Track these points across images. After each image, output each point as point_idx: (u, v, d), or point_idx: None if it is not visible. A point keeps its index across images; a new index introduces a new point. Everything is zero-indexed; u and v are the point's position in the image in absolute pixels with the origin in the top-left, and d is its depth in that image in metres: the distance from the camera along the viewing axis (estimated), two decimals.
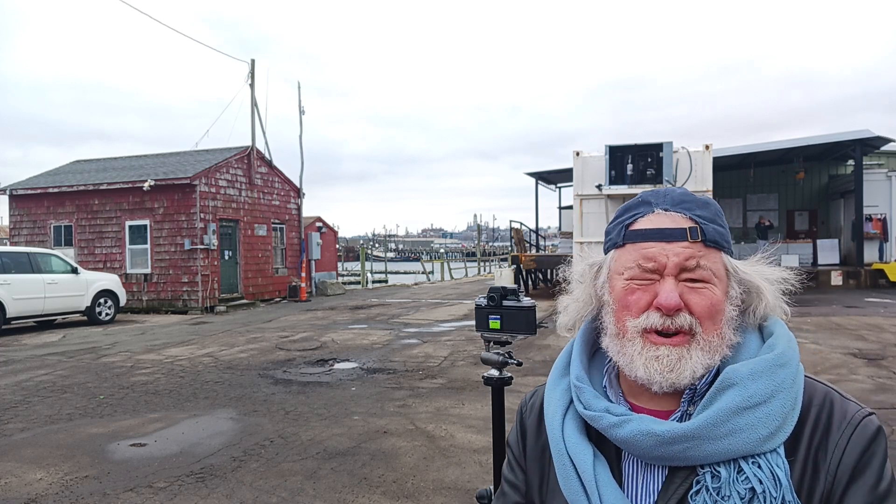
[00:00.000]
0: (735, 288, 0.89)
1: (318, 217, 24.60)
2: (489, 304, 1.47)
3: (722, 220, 0.92)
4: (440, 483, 4.41)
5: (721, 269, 0.89)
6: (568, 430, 0.92)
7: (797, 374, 0.85)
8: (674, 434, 0.82)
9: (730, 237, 0.93)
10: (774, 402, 0.82)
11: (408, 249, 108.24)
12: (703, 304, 0.86)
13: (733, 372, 0.83)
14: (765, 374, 0.83)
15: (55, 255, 14.41)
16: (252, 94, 19.73)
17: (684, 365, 0.85)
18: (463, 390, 7.12)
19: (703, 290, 0.87)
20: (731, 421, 0.81)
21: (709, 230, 0.89)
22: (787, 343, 0.87)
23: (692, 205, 0.91)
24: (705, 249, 0.88)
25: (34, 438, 5.60)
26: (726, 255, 0.90)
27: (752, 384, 0.82)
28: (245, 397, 6.99)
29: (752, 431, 0.80)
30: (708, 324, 0.86)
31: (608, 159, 11.10)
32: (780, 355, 0.85)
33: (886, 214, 19.27)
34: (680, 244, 0.87)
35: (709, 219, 0.90)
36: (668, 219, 0.90)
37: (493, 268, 41.96)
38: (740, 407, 0.81)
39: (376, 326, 12.90)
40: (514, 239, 22.07)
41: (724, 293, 0.88)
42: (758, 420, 0.81)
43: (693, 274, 0.87)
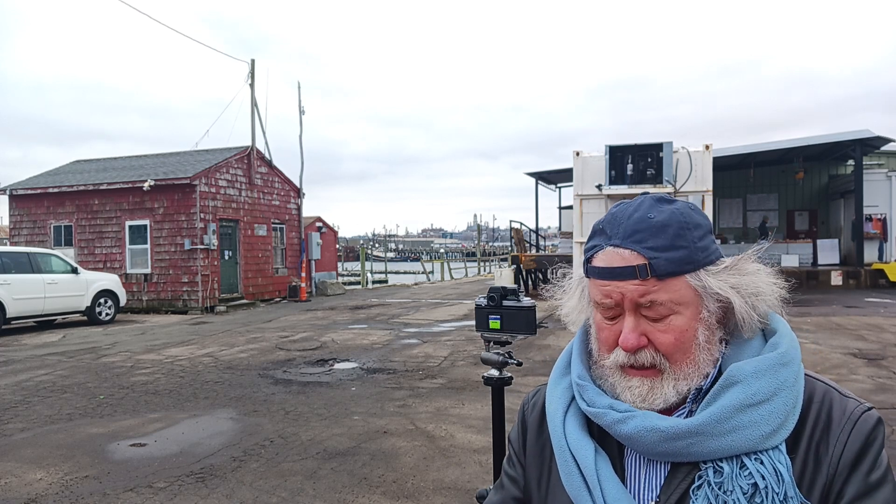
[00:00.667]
0: (710, 304, 0.87)
1: (318, 217, 24.60)
2: (489, 304, 1.47)
3: (685, 239, 0.86)
4: (440, 483, 4.41)
5: (686, 294, 0.86)
6: (570, 427, 0.93)
7: (799, 373, 0.86)
8: (678, 430, 0.83)
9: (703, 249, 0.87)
10: (777, 399, 0.83)
11: (408, 249, 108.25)
12: (665, 341, 0.86)
13: (737, 370, 0.84)
14: (768, 373, 0.83)
15: (55, 255, 14.41)
16: (252, 94, 19.74)
17: (656, 394, 0.87)
18: (463, 390, 7.12)
19: (666, 326, 0.86)
20: (734, 418, 0.82)
21: (660, 264, 0.85)
22: (789, 342, 0.87)
23: (644, 234, 0.87)
24: (660, 283, 0.85)
25: (34, 438, 5.60)
26: (692, 274, 0.86)
27: (756, 382, 0.83)
28: (245, 397, 6.99)
29: (755, 428, 0.81)
30: (677, 356, 0.86)
31: (608, 159, 11.10)
32: (783, 354, 0.85)
33: (886, 214, 19.28)
34: (631, 283, 0.86)
35: (663, 247, 0.85)
36: (618, 257, 0.88)
37: (493, 268, 41.96)
38: (743, 404, 0.82)
39: (376, 326, 12.90)
40: (514, 239, 22.07)
41: (695, 317, 0.86)
42: (761, 417, 0.82)
43: (650, 312, 0.86)
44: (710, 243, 0.89)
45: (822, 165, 22.57)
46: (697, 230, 0.88)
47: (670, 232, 0.86)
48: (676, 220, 0.87)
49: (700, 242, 0.87)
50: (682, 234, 0.86)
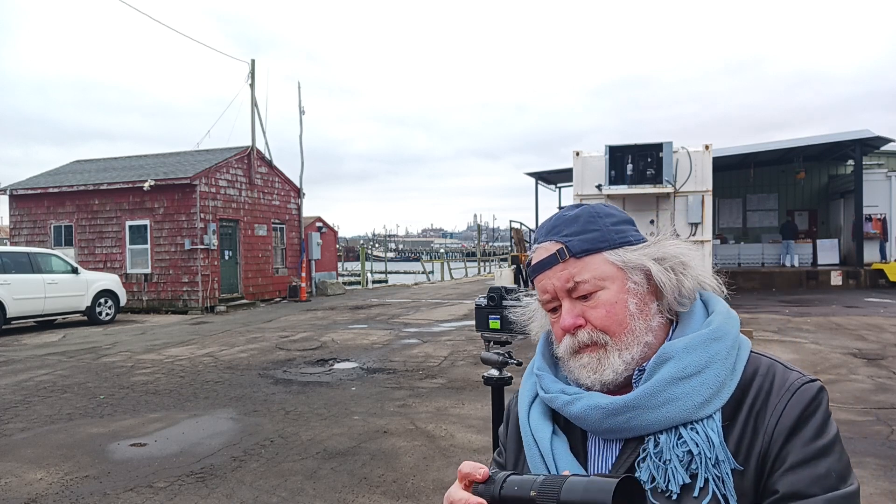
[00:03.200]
0: (635, 276, 0.94)
1: (319, 217, 24.60)
2: (489, 304, 1.47)
3: (596, 224, 0.96)
4: (440, 483, 4.41)
5: (607, 269, 0.94)
6: (534, 414, 1.01)
7: (732, 347, 0.90)
8: (615, 405, 0.89)
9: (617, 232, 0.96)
10: (708, 371, 0.87)
11: (408, 249, 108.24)
12: (598, 316, 0.94)
13: (670, 347, 0.91)
14: (699, 348, 0.89)
15: (55, 255, 14.41)
16: (252, 94, 19.74)
17: (605, 365, 0.93)
18: (463, 390, 7.12)
19: (596, 302, 0.94)
20: (667, 390, 0.87)
21: (574, 244, 0.95)
22: (723, 319, 0.93)
23: (560, 227, 0.98)
24: (578, 262, 0.94)
25: (34, 438, 5.60)
26: (610, 251, 0.94)
27: (687, 356, 0.88)
28: (245, 397, 6.99)
29: (688, 399, 0.86)
30: (613, 328, 0.93)
31: (608, 159, 11.09)
32: (715, 330, 0.90)
33: (886, 214, 19.27)
34: (555, 269, 0.96)
35: (576, 232, 0.95)
36: (543, 250, 0.98)
37: (493, 268, 41.96)
38: (675, 377, 0.87)
39: (376, 326, 12.90)
40: (513, 239, 22.07)
41: (622, 289, 0.93)
42: (692, 388, 0.87)
43: (578, 291, 0.94)
44: (628, 230, 0.97)
45: (822, 165, 22.56)
46: (609, 218, 0.97)
47: (582, 220, 0.97)
48: (587, 211, 0.98)
49: (613, 227, 0.96)
50: (593, 220, 0.97)
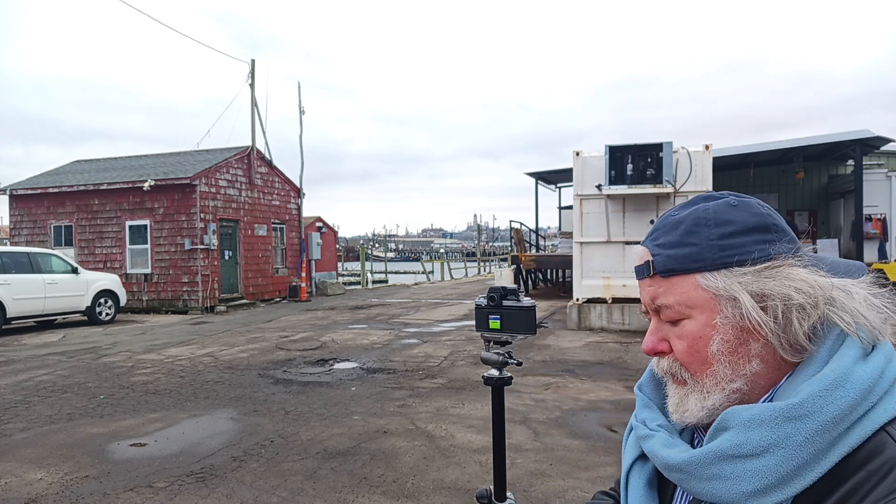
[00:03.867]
0: (727, 308, 0.76)
1: (319, 217, 24.61)
2: (489, 304, 1.47)
3: (697, 236, 0.79)
4: (440, 483, 4.41)
5: (696, 296, 0.78)
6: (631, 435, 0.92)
7: (825, 429, 0.69)
8: (668, 462, 0.79)
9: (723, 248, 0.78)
10: (770, 457, 0.70)
11: (408, 249, 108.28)
12: (679, 349, 0.80)
13: (732, 413, 0.74)
14: (766, 424, 0.71)
15: (55, 255, 14.41)
16: (252, 94, 19.74)
17: (685, 406, 0.81)
18: (463, 390, 7.12)
19: (681, 331, 0.80)
20: (715, 465, 0.73)
21: (659, 260, 0.80)
22: (822, 389, 0.70)
23: (659, 231, 0.83)
24: (664, 282, 0.80)
25: (34, 438, 5.60)
26: (705, 273, 0.77)
27: (748, 432, 0.72)
28: (245, 397, 6.99)
29: (737, 483, 0.72)
30: (693, 366, 0.80)
31: (608, 159, 11.09)
32: (796, 406, 0.70)
33: (886, 214, 19.26)
34: (644, 282, 0.84)
35: (669, 244, 0.80)
36: (637, 256, 0.86)
37: (493, 268, 41.97)
38: (727, 454, 0.73)
39: (376, 326, 12.90)
40: (514, 239, 22.07)
41: (709, 322, 0.77)
42: (745, 472, 0.71)
43: (665, 315, 0.81)
44: (745, 245, 0.77)
45: (822, 165, 22.57)
46: (720, 228, 0.78)
47: (682, 227, 0.80)
48: (694, 216, 0.80)
49: (720, 241, 0.77)
50: (695, 231, 0.79)
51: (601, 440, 5.30)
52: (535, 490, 4.25)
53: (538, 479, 4.43)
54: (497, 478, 1.47)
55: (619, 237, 11.69)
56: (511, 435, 5.22)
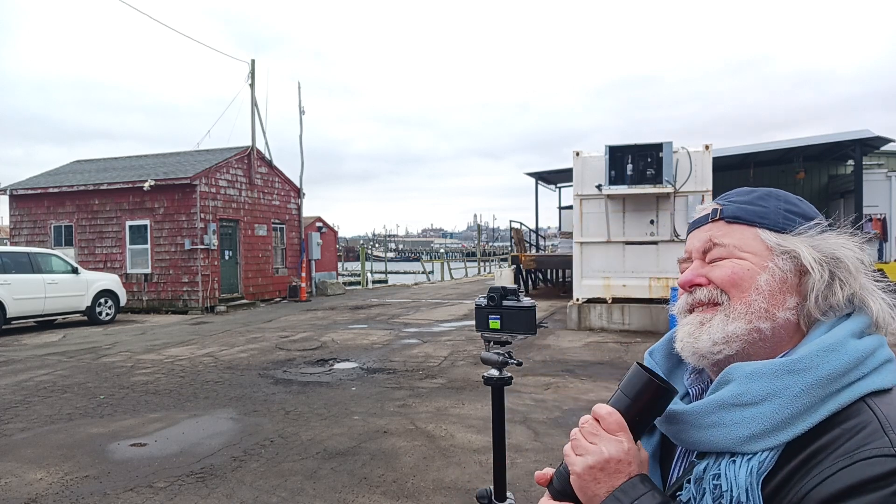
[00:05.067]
0: (780, 261, 0.85)
1: (319, 217, 24.61)
2: (489, 304, 1.47)
3: (767, 202, 0.89)
4: (440, 483, 4.41)
5: (754, 244, 0.87)
6: None
7: (818, 384, 0.77)
8: (672, 413, 0.85)
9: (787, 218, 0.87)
10: (767, 405, 0.77)
11: (408, 249, 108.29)
12: (721, 274, 0.87)
13: (735, 369, 0.82)
14: (765, 377, 0.79)
15: (55, 255, 14.41)
16: (252, 95, 19.74)
17: (703, 330, 0.86)
18: (463, 390, 7.12)
19: (725, 263, 0.87)
20: (715, 413, 0.80)
21: (730, 208, 0.90)
22: (819, 349, 0.79)
23: (734, 194, 0.93)
24: (727, 227, 0.89)
25: (34, 438, 5.60)
26: (766, 230, 0.87)
27: (748, 383, 0.79)
28: (245, 397, 6.99)
29: (735, 428, 0.78)
30: (733, 291, 0.86)
31: (608, 159, 11.08)
32: (794, 361, 0.79)
33: (886, 214, 19.26)
34: (702, 229, 0.92)
35: (743, 202, 0.90)
36: (701, 209, 0.95)
37: (493, 268, 41.96)
38: (728, 403, 0.79)
39: (376, 326, 12.90)
40: (513, 239, 22.06)
41: (759, 264, 0.85)
42: (742, 419, 0.78)
43: (713, 253, 0.89)
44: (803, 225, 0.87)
45: (822, 165, 22.56)
46: (787, 205, 0.89)
47: (756, 194, 0.91)
48: (767, 190, 0.91)
49: (787, 213, 0.88)
50: (767, 198, 0.90)
51: None
52: (535, 490, 4.25)
53: None
54: (497, 478, 1.47)
55: (619, 237, 11.69)
56: (511, 435, 5.22)
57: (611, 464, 0.79)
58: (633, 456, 0.80)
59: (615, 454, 0.79)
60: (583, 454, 0.81)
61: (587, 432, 0.82)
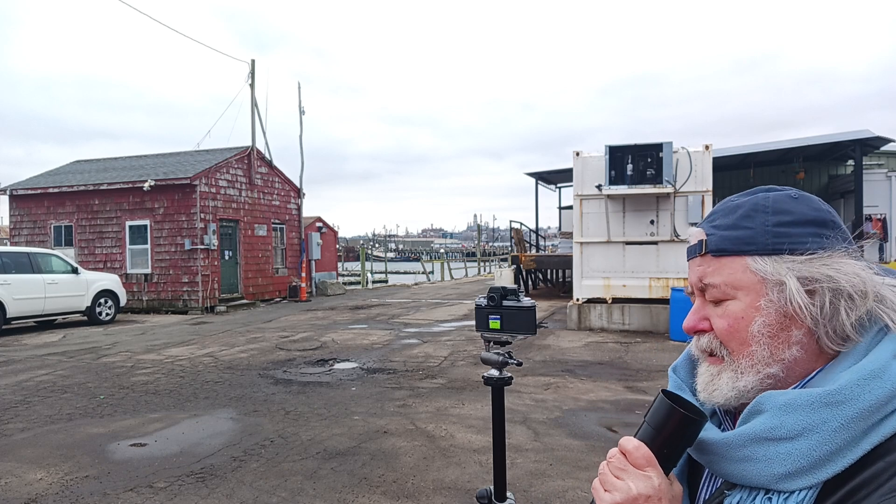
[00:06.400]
0: (773, 292, 0.77)
1: (319, 217, 24.61)
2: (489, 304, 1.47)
3: (753, 220, 0.80)
4: (440, 483, 4.41)
5: (744, 278, 0.79)
6: None
7: (860, 417, 0.70)
8: (702, 443, 0.80)
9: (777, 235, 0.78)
10: (803, 440, 0.71)
11: (408, 249, 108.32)
12: (720, 327, 0.81)
13: (767, 398, 0.75)
14: (802, 409, 0.72)
15: (55, 255, 14.41)
16: (252, 95, 19.74)
17: (715, 384, 0.82)
18: (463, 390, 7.13)
19: (724, 310, 0.81)
20: (748, 447, 0.75)
21: (713, 239, 0.82)
22: (861, 377, 0.71)
23: (718, 214, 0.84)
24: (715, 262, 0.81)
25: (34, 438, 5.61)
26: (756, 256, 0.78)
27: (783, 416, 0.73)
28: (245, 397, 6.99)
29: (768, 465, 0.73)
30: (732, 345, 0.80)
31: (608, 159, 11.09)
32: (834, 392, 0.71)
33: (886, 214, 19.26)
34: (694, 262, 0.85)
35: (726, 226, 0.81)
36: (693, 236, 0.87)
37: (493, 268, 41.96)
38: (760, 436, 0.74)
39: (376, 326, 12.90)
40: (514, 239, 22.07)
41: (753, 303, 0.78)
42: (777, 455, 0.72)
43: (709, 294, 0.82)
44: (799, 235, 0.78)
45: (822, 165, 22.57)
46: (778, 216, 0.79)
47: (740, 211, 0.81)
48: (753, 202, 0.81)
49: (775, 228, 0.78)
50: (751, 216, 0.80)
51: (601, 440, 5.30)
52: (535, 490, 4.25)
53: (538, 479, 4.43)
54: (497, 478, 1.47)
55: (619, 237, 11.69)
56: (511, 435, 5.22)
57: (639, 501, 0.75)
58: (663, 492, 0.75)
59: (644, 491, 0.74)
60: (610, 490, 0.77)
61: (614, 467, 0.78)
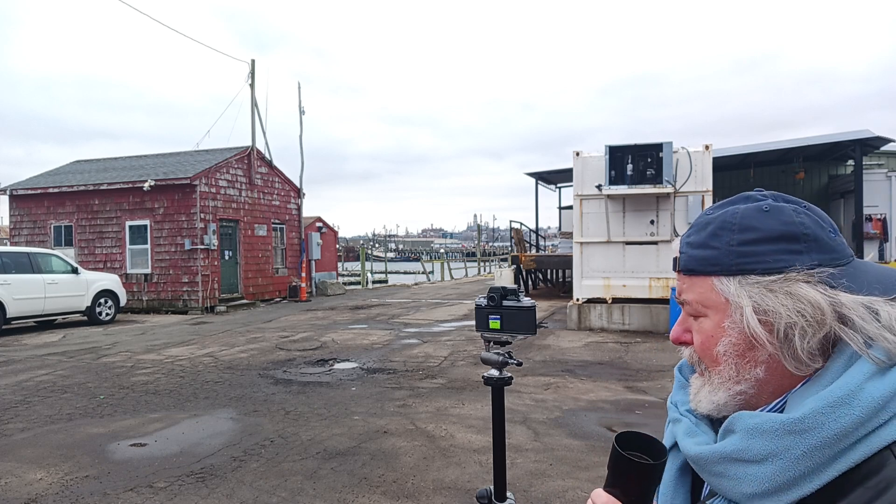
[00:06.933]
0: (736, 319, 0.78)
1: (319, 217, 24.61)
2: (489, 304, 1.47)
3: (719, 240, 0.80)
4: (440, 483, 4.41)
5: (712, 297, 0.80)
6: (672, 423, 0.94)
7: (825, 445, 0.69)
8: (687, 451, 0.83)
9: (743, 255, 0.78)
10: (768, 465, 0.72)
11: (408, 249, 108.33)
12: (696, 342, 0.83)
13: (738, 419, 0.77)
14: (767, 435, 0.73)
15: (55, 255, 14.41)
16: (252, 95, 19.74)
17: (699, 396, 0.84)
18: (463, 390, 7.13)
19: (700, 326, 0.83)
20: (721, 464, 0.77)
21: (683, 258, 0.84)
22: (825, 405, 0.70)
23: (693, 229, 0.85)
24: (687, 280, 0.83)
25: (34, 438, 5.61)
26: (721, 277, 0.79)
27: (749, 439, 0.74)
28: (245, 397, 6.99)
29: (738, 483, 0.74)
30: (706, 361, 0.82)
31: (608, 159, 11.09)
32: (798, 420, 0.71)
33: (886, 214, 19.27)
34: (677, 276, 0.87)
35: (695, 244, 0.82)
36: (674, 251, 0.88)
37: (493, 268, 41.97)
38: (731, 456, 0.75)
39: (376, 326, 12.90)
40: (514, 239, 22.07)
41: (719, 323, 0.79)
42: (745, 475, 0.74)
43: (685, 309, 0.85)
44: (762, 251, 0.77)
45: (822, 165, 22.58)
46: (743, 233, 0.79)
47: (709, 230, 0.82)
48: (722, 219, 0.81)
49: (740, 247, 0.78)
50: (718, 235, 0.80)
51: (601, 440, 5.31)
52: (535, 490, 4.26)
53: (538, 479, 4.44)
54: (497, 478, 1.47)
55: (619, 237, 11.69)
56: (511, 435, 5.22)
57: None
58: None
59: None
60: None
61: None
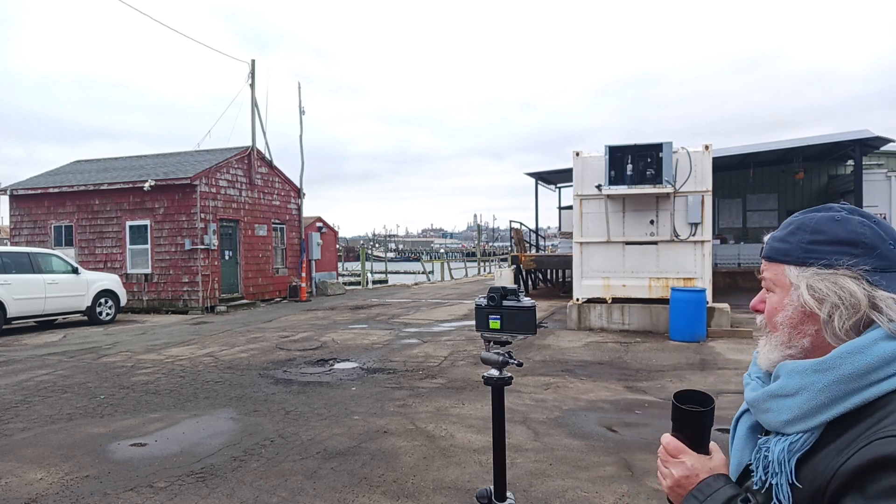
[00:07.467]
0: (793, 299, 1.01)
1: (319, 217, 24.60)
2: (489, 304, 1.47)
3: (792, 238, 1.03)
4: (440, 483, 4.41)
5: (782, 279, 1.03)
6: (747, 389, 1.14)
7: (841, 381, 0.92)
8: (746, 399, 1.07)
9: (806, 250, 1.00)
10: (798, 397, 0.96)
11: (408, 249, 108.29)
12: (767, 310, 1.07)
13: (782, 367, 1.01)
14: (798, 374, 0.97)
15: (56, 255, 14.41)
16: (252, 95, 19.74)
17: (763, 354, 1.06)
18: (463, 390, 7.13)
19: (770, 298, 1.06)
20: (767, 401, 1.00)
21: (766, 248, 1.08)
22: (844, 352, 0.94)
23: (782, 227, 1.08)
24: (767, 264, 1.07)
25: (34, 438, 5.61)
26: (790, 266, 1.01)
27: (787, 379, 0.98)
28: (245, 397, 6.99)
29: (778, 414, 0.98)
30: (770, 327, 1.05)
31: (608, 159, 11.08)
32: (822, 361, 0.95)
33: (886, 214, 19.26)
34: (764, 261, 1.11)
35: (777, 238, 1.06)
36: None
37: (493, 268, 41.95)
38: (774, 394, 0.99)
39: (376, 326, 12.90)
40: (513, 239, 22.06)
41: (781, 301, 1.03)
42: (782, 407, 0.98)
43: (763, 284, 1.09)
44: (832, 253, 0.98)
45: (822, 165, 22.57)
46: (813, 234, 1.01)
47: (789, 229, 1.05)
48: (801, 222, 1.04)
49: (808, 245, 1.00)
50: (794, 233, 1.04)
51: (601, 440, 5.31)
52: (535, 490, 4.26)
53: (538, 479, 4.44)
54: (497, 478, 1.48)
55: (618, 237, 11.69)
56: (511, 435, 5.22)
57: (681, 482, 1.05)
58: (698, 468, 1.04)
59: (681, 473, 1.05)
60: (663, 477, 1.08)
61: (661, 460, 1.09)
